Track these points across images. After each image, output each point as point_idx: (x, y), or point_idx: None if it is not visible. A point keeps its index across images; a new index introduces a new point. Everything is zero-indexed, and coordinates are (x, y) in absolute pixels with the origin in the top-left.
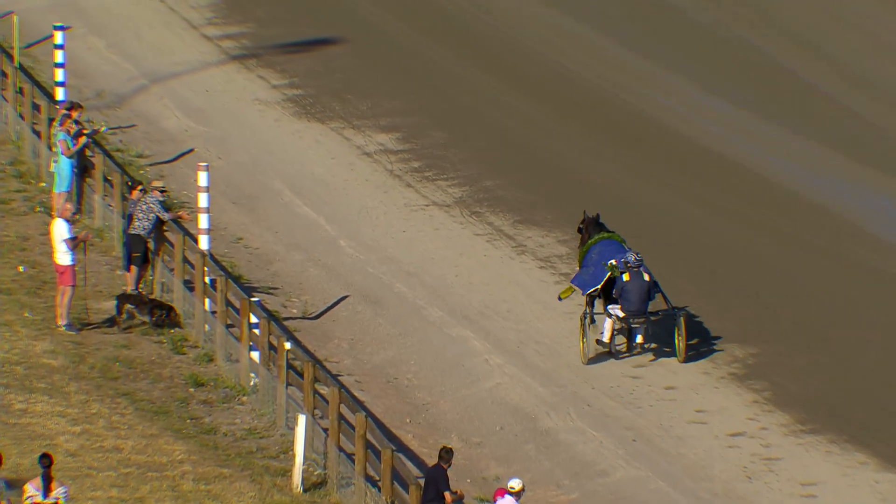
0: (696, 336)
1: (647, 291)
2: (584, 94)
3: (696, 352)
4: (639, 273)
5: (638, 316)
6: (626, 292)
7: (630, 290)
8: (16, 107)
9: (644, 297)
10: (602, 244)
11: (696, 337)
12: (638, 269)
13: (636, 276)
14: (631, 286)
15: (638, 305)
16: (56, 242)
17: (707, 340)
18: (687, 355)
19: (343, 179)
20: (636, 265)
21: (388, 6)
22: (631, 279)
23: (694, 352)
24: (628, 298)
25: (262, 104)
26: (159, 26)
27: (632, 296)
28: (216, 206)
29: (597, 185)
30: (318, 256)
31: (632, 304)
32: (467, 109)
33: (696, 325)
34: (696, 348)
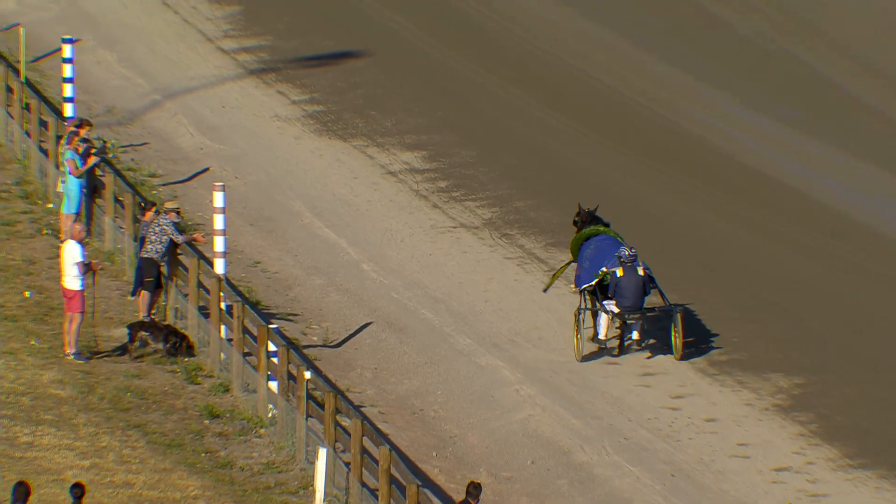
0: (737, 366)
1: (641, 287)
2: (621, 109)
3: (737, 381)
4: (633, 268)
5: (633, 312)
6: (620, 288)
7: (624, 286)
8: (22, 124)
9: (639, 292)
10: (599, 239)
11: (737, 366)
12: (632, 263)
13: (630, 272)
14: (625, 281)
15: (633, 301)
16: (67, 266)
17: (750, 369)
18: (684, 352)
19: (366, 200)
20: (630, 260)
21: (414, 17)
22: (625, 274)
23: (735, 381)
24: (623, 294)
25: (282, 121)
26: (173, 39)
27: (626, 291)
28: (233, 228)
29: (633, 203)
30: (340, 281)
31: (626, 299)
32: (497, 125)
33: (736, 353)
34: (737, 377)
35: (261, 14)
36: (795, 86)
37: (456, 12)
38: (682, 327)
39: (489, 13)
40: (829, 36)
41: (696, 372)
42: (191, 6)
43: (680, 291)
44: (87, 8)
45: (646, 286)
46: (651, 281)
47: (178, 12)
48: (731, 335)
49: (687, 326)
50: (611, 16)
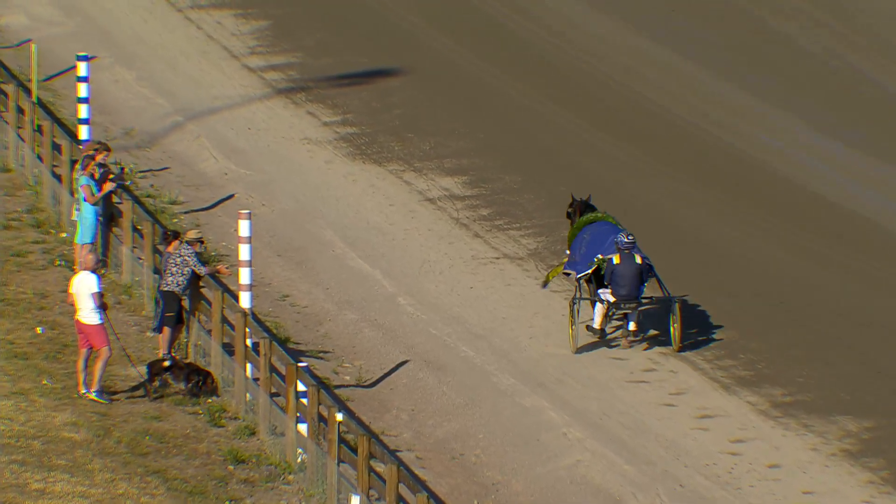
0: (802, 408)
1: (639, 275)
2: (677, 132)
3: (802, 424)
4: (630, 255)
5: (630, 301)
6: (616, 276)
7: (621, 274)
8: (34, 147)
9: (636, 280)
10: (595, 225)
11: (802, 408)
12: (630, 250)
13: (628, 259)
14: (622, 269)
15: (630, 289)
16: (82, 298)
17: (815, 411)
18: (683, 344)
19: (403, 229)
20: (628, 246)
21: (455, 33)
22: (622, 262)
23: (800, 424)
24: (619, 282)
25: (312, 144)
26: (196, 56)
27: (623, 279)
28: (259, 258)
29: (691, 234)
30: (375, 316)
31: (623, 288)
32: (544, 149)
33: (801, 394)
34: (802, 419)
35: (290, 29)
36: (865, 106)
37: (500, 28)
38: (680, 318)
39: (536, 28)
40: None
41: (758, 414)
42: (215, 21)
43: (741, 327)
44: (103, 23)
45: (643, 274)
46: (649, 269)
47: (201, 27)
48: (796, 374)
49: (746, 358)
50: (665, 31)
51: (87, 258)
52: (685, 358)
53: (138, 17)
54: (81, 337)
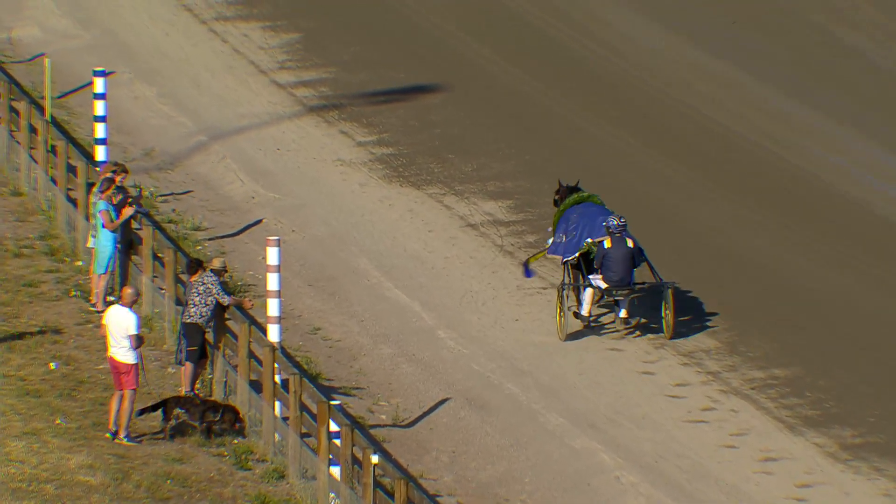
0: (873, 450)
1: (630, 259)
2: (737, 151)
3: (873, 468)
4: (622, 239)
5: (621, 287)
6: (608, 260)
7: (612, 258)
8: (47, 169)
9: (628, 265)
10: (582, 206)
11: (873, 451)
12: (621, 234)
13: (619, 243)
14: (613, 253)
15: (621, 275)
16: (118, 336)
17: (888, 454)
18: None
19: (443, 257)
20: (619, 230)
21: (499, 47)
22: (613, 245)
23: (871, 468)
24: (610, 267)
25: (345, 165)
26: (221, 71)
27: (614, 264)
28: (289, 288)
29: (751, 260)
30: (412, 350)
31: (614, 273)
32: (594, 171)
33: (872, 435)
34: (873, 463)
35: (322, 43)
36: None
37: (549, 40)
38: (673, 304)
39: (586, 42)
40: None
41: (826, 457)
42: (241, 34)
43: (807, 363)
44: (122, 36)
45: (635, 259)
46: (640, 253)
47: (226, 40)
48: (866, 414)
49: (806, 393)
50: (725, 44)
51: (126, 293)
52: (747, 396)
53: (160, 30)
54: (115, 375)
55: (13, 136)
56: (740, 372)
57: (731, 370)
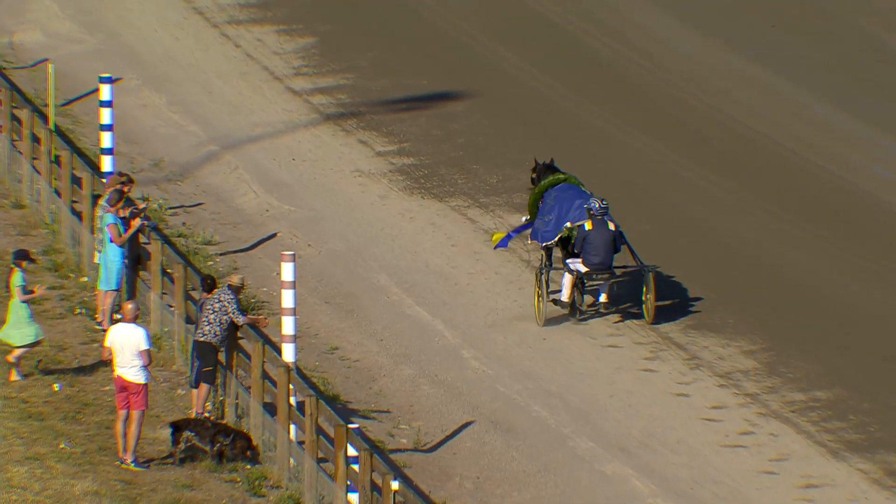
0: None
1: (612, 243)
2: (777, 162)
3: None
4: (603, 222)
5: (602, 271)
6: (588, 244)
7: (594, 242)
8: (51, 181)
9: (609, 249)
10: (560, 189)
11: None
12: (603, 217)
13: (600, 226)
14: (595, 237)
15: (602, 259)
16: (126, 354)
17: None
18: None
19: (466, 273)
20: (601, 213)
21: (526, 51)
22: (594, 228)
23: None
24: (591, 251)
25: (364, 176)
26: (233, 77)
27: (595, 248)
28: (305, 306)
29: (791, 276)
30: (435, 371)
31: (595, 257)
32: (626, 182)
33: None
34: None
35: (340, 47)
36: None
37: (577, 45)
38: (654, 288)
39: (618, 46)
40: None
41: (871, 483)
42: (255, 38)
43: (851, 385)
44: (129, 40)
45: (616, 242)
46: (621, 237)
47: (239, 45)
48: None
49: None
50: (761, 48)
51: (127, 308)
52: (787, 419)
53: (169, 34)
54: (121, 396)
55: (15, 145)
56: (780, 394)
57: (771, 392)
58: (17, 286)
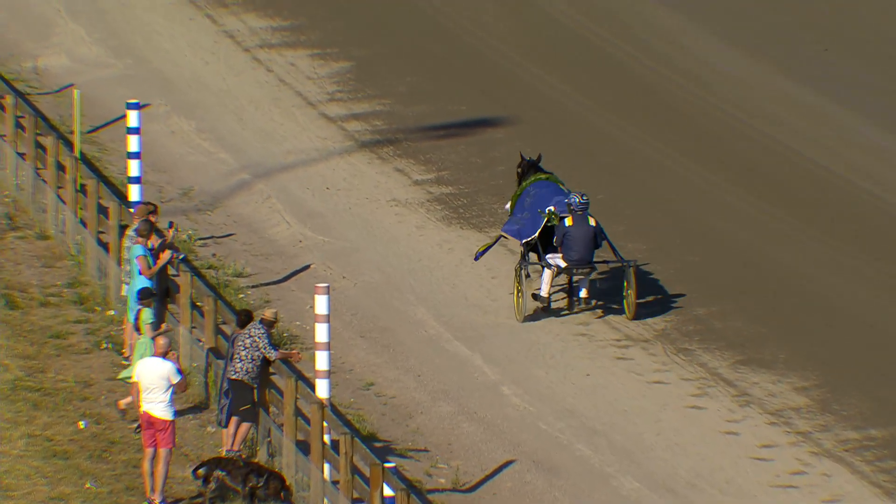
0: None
1: (592, 238)
2: (831, 191)
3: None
4: (584, 217)
5: (582, 266)
6: (568, 239)
7: (573, 237)
8: (76, 210)
9: (589, 244)
10: (538, 185)
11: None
12: (583, 212)
13: (580, 221)
14: (574, 232)
15: (582, 254)
16: (155, 389)
17: None
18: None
19: (507, 306)
20: (581, 208)
21: (568, 76)
22: (574, 224)
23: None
24: (571, 246)
25: (401, 205)
26: (266, 103)
27: (575, 243)
28: (339, 340)
29: (846, 310)
30: (474, 408)
31: (575, 252)
32: (673, 211)
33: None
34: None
35: (376, 72)
36: None
37: (621, 69)
38: (635, 284)
39: (664, 70)
40: None
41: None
42: (288, 62)
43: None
44: (158, 65)
45: (596, 238)
46: (602, 232)
47: (271, 70)
48: None
49: None
50: (813, 72)
51: (159, 342)
52: (841, 459)
53: (199, 59)
54: (148, 433)
55: (39, 174)
56: (833, 432)
57: (823, 430)
58: (146, 323)
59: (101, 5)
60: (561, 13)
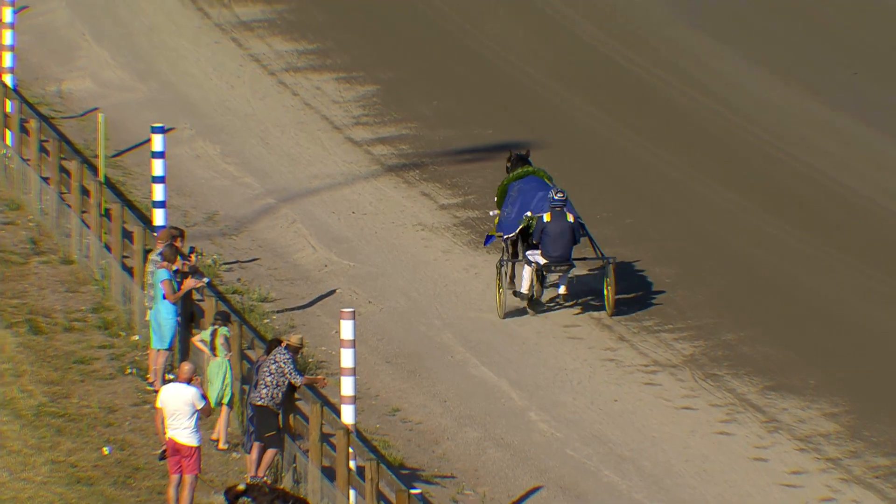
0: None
1: (570, 234)
2: (865, 217)
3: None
4: (562, 213)
5: (561, 262)
6: (546, 236)
7: (552, 233)
8: (101, 235)
9: (567, 240)
10: (524, 181)
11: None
12: (562, 208)
13: (559, 217)
14: (552, 228)
15: (561, 250)
16: (180, 415)
17: None
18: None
19: (535, 331)
20: (560, 203)
21: (598, 100)
22: (552, 220)
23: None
24: (549, 243)
25: (427, 230)
26: (291, 127)
27: (553, 239)
28: (365, 365)
29: (878, 336)
30: (501, 434)
31: (554, 248)
32: (703, 237)
33: None
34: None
35: (402, 96)
36: None
37: (652, 93)
38: (614, 280)
39: (695, 94)
40: None
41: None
42: (314, 86)
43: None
44: (183, 89)
45: (575, 234)
46: (582, 228)
47: (297, 93)
48: None
49: None
50: (845, 96)
51: (183, 369)
52: (871, 486)
53: (224, 82)
54: (174, 460)
55: (63, 198)
56: (863, 458)
57: (854, 456)
58: (221, 344)
59: (127, 29)
60: (590, 36)
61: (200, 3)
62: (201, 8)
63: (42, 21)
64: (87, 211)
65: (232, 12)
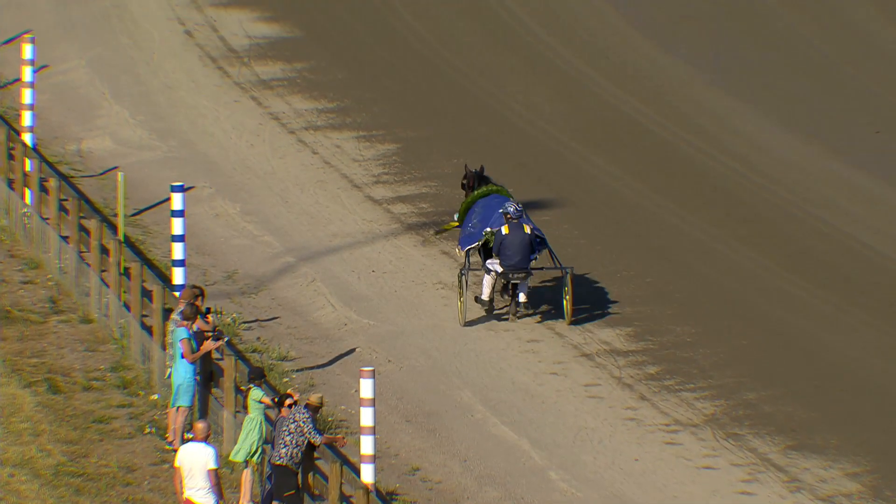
0: None
1: (528, 245)
2: (885, 275)
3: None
4: (519, 225)
5: (518, 271)
6: (505, 246)
7: (510, 244)
8: (120, 293)
9: (525, 250)
10: (488, 199)
11: None
12: (518, 220)
13: (516, 228)
14: (510, 239)
15: (518, 260)
16: (195, 475)
17: None
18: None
19: (554, 390)
20: (516, 216)
21: (618, 158)
22: (511, 231)
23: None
24: (507, 253)
25: (447, 289)
26: (311, 186)
27: (511, 250)
28: (385, 424)
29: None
30: (521, 493)
31: (512, 258)
32: (724, 296)
33: None
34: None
35: (422, 154)
36: None
37: (672, 151)
38: (572, 290)
39: (714, 152)
40: None
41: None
42: (333, 144)
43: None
44: (202, 147)
45: (533, 244)
46: (540, 240)
47: (317, 152)
48: None
49: None
50: (866, 155)
51: (197, 427)
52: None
53: (244, 141)
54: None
55: (83, 257)
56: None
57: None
58: (254, 400)
59: (146, 88)
60: (611, 95)
61: (220, 61)
62: (221, 67)
63: (62, 80)
64: (106, 270)
65: (251, 71)
